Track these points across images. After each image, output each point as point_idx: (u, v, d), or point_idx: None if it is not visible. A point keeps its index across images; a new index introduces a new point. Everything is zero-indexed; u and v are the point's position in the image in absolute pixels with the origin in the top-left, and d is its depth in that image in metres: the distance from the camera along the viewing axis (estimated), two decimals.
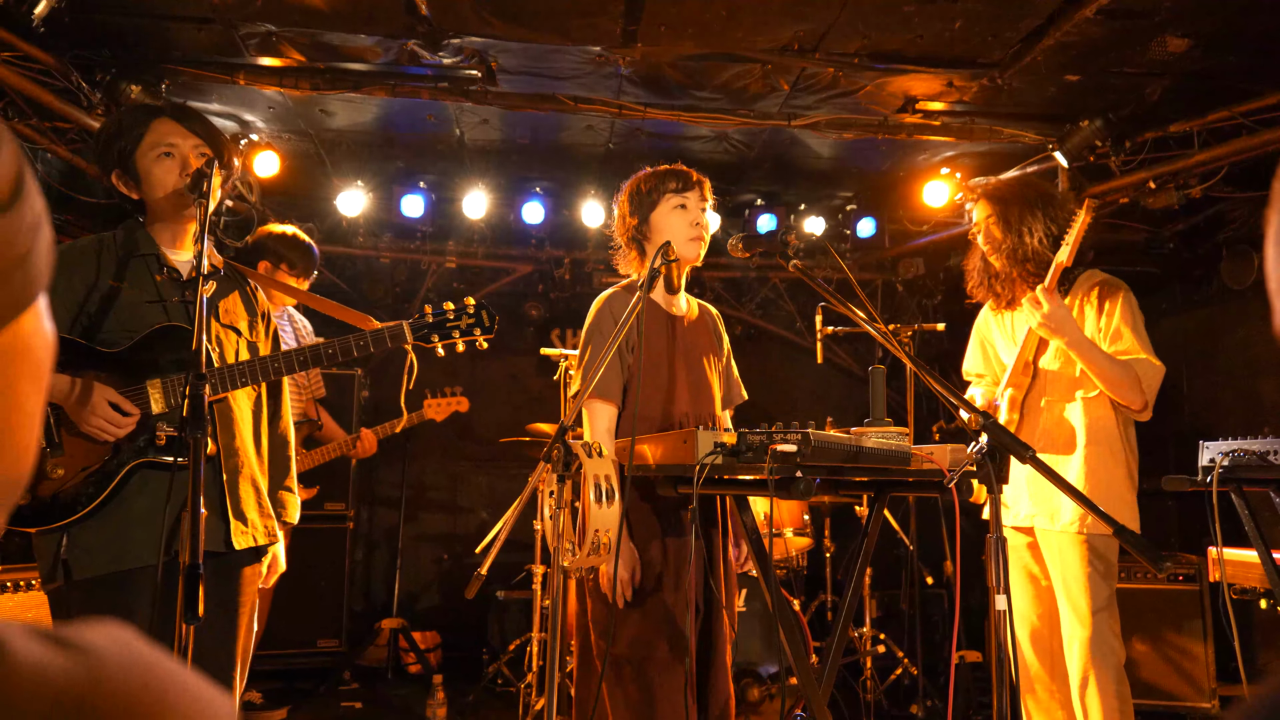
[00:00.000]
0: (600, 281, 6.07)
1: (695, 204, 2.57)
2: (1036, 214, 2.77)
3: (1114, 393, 2.66)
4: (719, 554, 2.51)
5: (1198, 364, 5.05)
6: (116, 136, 2.14)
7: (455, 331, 2.20)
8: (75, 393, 1.95)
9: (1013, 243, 2.78)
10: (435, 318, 2.20)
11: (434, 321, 2.19)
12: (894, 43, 3.62)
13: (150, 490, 2.02)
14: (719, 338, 2.77)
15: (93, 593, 1.96)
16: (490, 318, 2.25)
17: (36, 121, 3.79)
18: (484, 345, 2.24)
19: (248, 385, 2.10)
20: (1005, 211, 2.80)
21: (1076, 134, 4.23)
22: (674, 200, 2.56)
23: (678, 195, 2.56)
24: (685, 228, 2.54)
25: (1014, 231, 2.77)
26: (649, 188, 2.59)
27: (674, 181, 2.57)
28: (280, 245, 3.85)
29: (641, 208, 2.59)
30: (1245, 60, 3.62)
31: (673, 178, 2.58)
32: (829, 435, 1.82)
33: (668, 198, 2.56)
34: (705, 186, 2.62)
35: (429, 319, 2.19)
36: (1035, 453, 1.63)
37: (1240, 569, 3.20)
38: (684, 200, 2.56)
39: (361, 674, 5.00)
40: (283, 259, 3.83)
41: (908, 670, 4.56)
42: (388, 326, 2.17)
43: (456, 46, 3.69)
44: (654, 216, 2.57)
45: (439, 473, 6.24)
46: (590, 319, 2.61)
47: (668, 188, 2.57)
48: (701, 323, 2.72)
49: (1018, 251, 2.77)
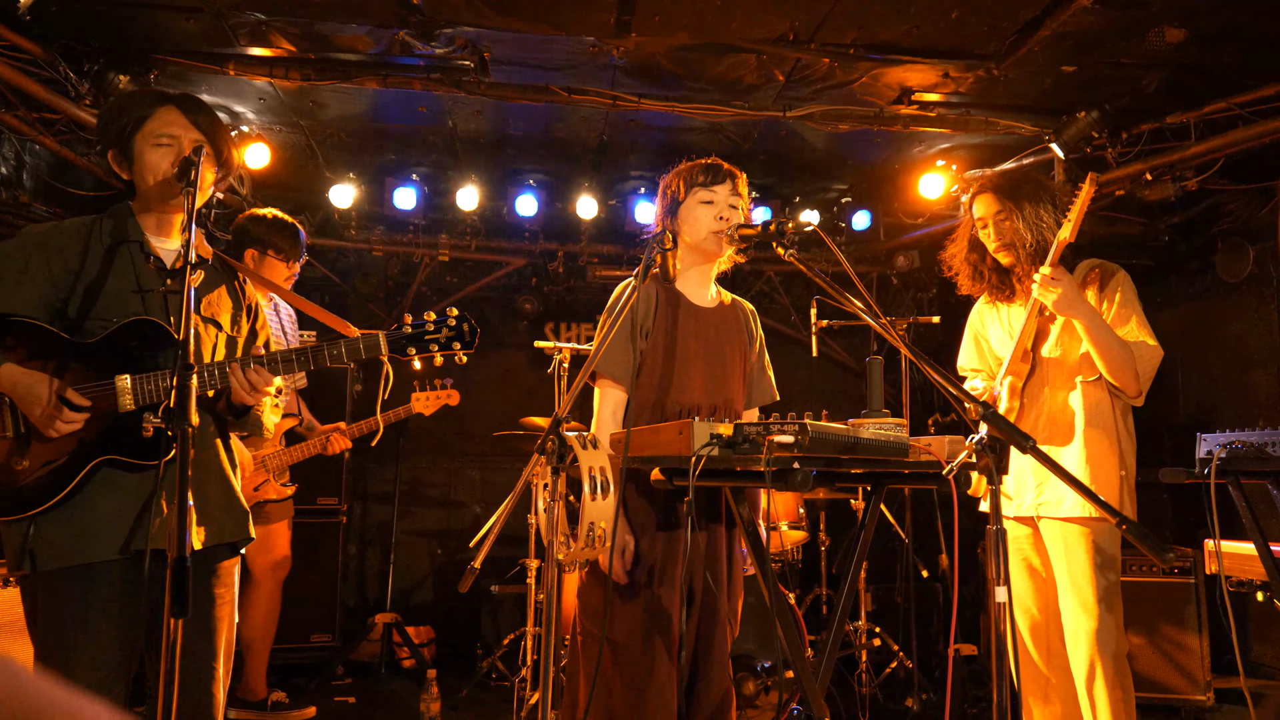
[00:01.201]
0: (595, 275, 6.05)
1: (724, 198, 2.53)
2: (1048, 207, 2.75)
3: (1113, 375, 2.64)
4: (722, 549, 2.47)
5: (1192, 357, 5.05)
6: (117, 116, 2.11)
7: (434, 345, 2.16)
8: (23, 384, 1.92)
9: (1034, 240, 2.73)
10: (414, 329, 2.16)
11: (412, 334, 2.16)
12: (889, 33, 3.59)
13: (115, 486, 1.99)
14: (750, 333, 2.71)
15: (55, 584, 1.94)
16: (471, 331, 2.21)
17: (24, 112, 3.74)
18: (463, 359, 2.20)
19: (218, 387, 2.07)
20: (1020, 207, 2.76)
21: (1073, 125, 4.22)
22: (701, 194, 2.53)
23: (705, 189, 2.53)
24: (709, 221, 2.50)
25: (1033, 230, 2.73)
26: (680, 181, 2.56)
27: (702, 175, 2.54)
28: (264, 230, 3.68)
29: (672, 202, 2.57)
30: (1242, 51, 3.61)
31: (702, 171, 2.55)
32: (826, 426, 1.79)
33: (695, 191, 2.53)
34: (739, 180, 2.58)
35: (407, 330, 2.16)
36: (1036, 443, 1.61)
37: (1236, 562, 3.20)
38: (711, 195, 2.52)
39: (355, 669, 4.97)
40: (269, 245, 3.67)
41: (903, 664, 4.55)
42: (363, 336, 2.13)
43: (449, 37, 3.66)
44: (682, 210, 2.55)
45: (432, 467, 6.21)
46: (610, 303, 2.56)
47: (696, 181, 2.54)
48: (731, 315, 2.67)
49: (1040, 245, 2.73)
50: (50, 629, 1.94)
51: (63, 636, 1.92)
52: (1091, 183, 2.57)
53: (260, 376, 2.07)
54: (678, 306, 2.55)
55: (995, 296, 2.96)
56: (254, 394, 2.08)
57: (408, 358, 2.17)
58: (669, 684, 2.29)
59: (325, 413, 4.31)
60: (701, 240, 2.50)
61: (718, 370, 2.56)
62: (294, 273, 3.79)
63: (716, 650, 2.43)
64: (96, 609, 1.94)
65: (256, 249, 3.66)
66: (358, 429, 4.06)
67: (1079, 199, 2.59)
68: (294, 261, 3.75)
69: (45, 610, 1.95)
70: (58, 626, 1.93)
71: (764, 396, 2.74)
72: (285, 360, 2.09)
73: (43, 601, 1.95)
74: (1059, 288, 2.59)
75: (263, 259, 3.66)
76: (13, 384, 1.93)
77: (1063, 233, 2.62)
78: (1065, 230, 2.62)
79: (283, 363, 2.08)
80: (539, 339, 4.39)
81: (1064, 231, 2.62)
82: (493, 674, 4.67)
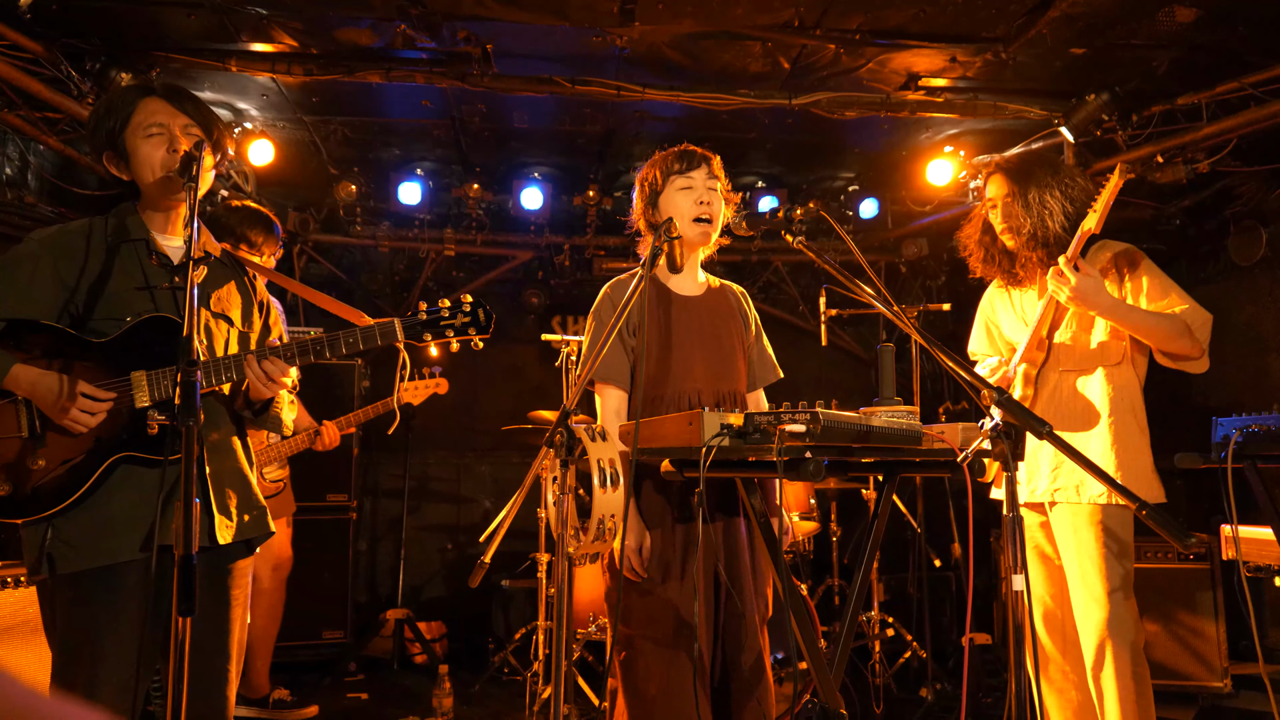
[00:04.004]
0: (601, 268, 6.02)
1: (701, 182, 2.52)
2: (1055, 193, 2.71)
3: (1167, 346, 2.59)
4: (742, 541, 2.45)
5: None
6: (106, 116, 2.10)
7: (449, 330, 2.14)
8: (42, 384, 1.92)
9: (1034, 225, 2.70)
10: (429, 315, 2.14)
11: (427, 319, 2.14)
12: (896, 18, 3.55)
13: (133, 483, 1.98)
14: (744, 316, 2.71)
15: (77, 587, 1.93)
16: (487, 316, 2.18)
17: (27, 111, 3.74)
18: (479, 345, 2.18)
19: (233, 380, 2.05)
20: (1024, 190, 2.72)
21: (1083, 109, 4.17)
22: (680, 181, 2.52)
23: (682, 176, 2.52)
24: (690, 207, 2.50)
25: (1034, 214, 2.70)
26: (657, 171, 2.56)
27: (679, 162, 2.54)
28: (237, 222, 3.53)
29: (651, 192, 2.56)
30: (1254, 31, 3.56)
31: (677, 158, 2.55)
32: (838, 414, 1.77)
33: (672, 179, 2.53)
34: (713, 163, 2.57)
35: (422, 316, 2.14)
36: (1052, 428, 1.58)
37: (1253, 547, 3.16)
38: (689, 181, 2.52)
39: (367, 665, 4.98)
40: (242, 238, 3.51)
41: (916, 654, 4.53)
42: (379, 323, 2.11)
43: (452, 29, 3.63)
44: (662, 200, 2.55)
45: (442, 463, 6.21)
46: (594, 307, 2.58)
47: (673, 169, 2.54)
48: (721, 300, 2.66)
49: (1038, 233, 2.70)
50: (72, 633, 1.92)
51: (88, 640, 1.90)
52: (1120, 174, 2.53)
53: (276, 367, 2.05)
54: (667, 299, 2.55)
55: (1005, 280, 2.93)
56: (270, 385, 2.06)
57: (424, 344, 2.15)
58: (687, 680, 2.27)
59: (334, 408, 4.30)
60: (685, 228, 2.48)
61: (716, 355, 2.55)
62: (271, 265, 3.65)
63: (743, 640, 2.40)
64: (118, 611, 1.92)
65: (230, 241, 3.51)
66: (345, 421, 4.04)
67: (1106, 189, 2.55)
68: (270, 254, 3.62)
69: (68, 614, 1.93)
70: (80, 630, 1.91)
71: (767, 375, 2.74)
72: (301, 350, 2.07)
73: (64, 605, 1.93)
74: (1071, 283, 2.54)
75: (236, 251, 3.56)
76: (31, 385, 1.92)
77: (1087, 223, 2.58)
78: (1090, 220, 2.57)
79: (299, 353, 2.06)
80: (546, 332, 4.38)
81: (1089, 222, 2.57)
82: (504, 668, 4.66)
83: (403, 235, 5.79)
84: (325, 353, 2.08)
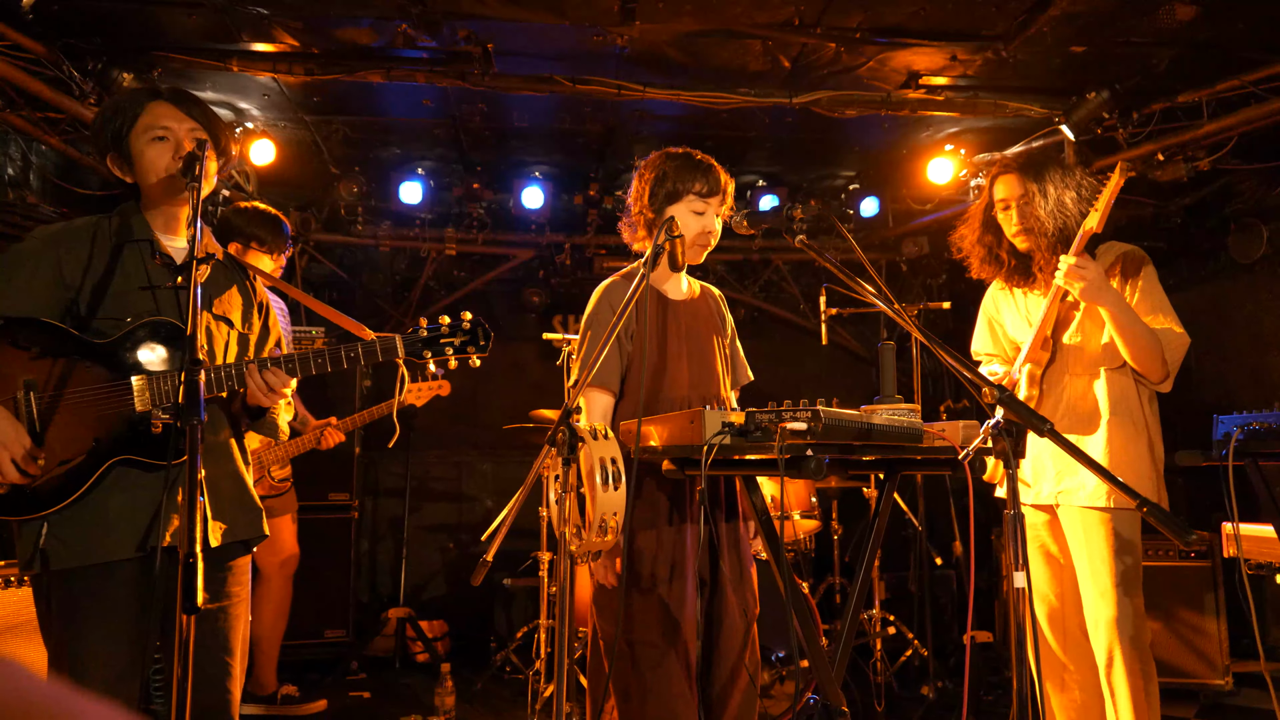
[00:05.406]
0: (602, 266, 6.02)
1: (713, 211, 2.53)
2: (1070, 193, 2.69)
3: (1139, 363, 2.60)
4: (722, 538, 2.46)
5: (1205, 339, 4.98)
6: (112, 118, 2.10)
7: (448, 348, 2.17)
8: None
9: (1055, 226, 2.67)
10: (429, 332, 2.17)
11: (428, 336, 2.17)
12: (896, 16, 3.55)
13: (129, 485, 1.99)
14: (722, 318, 2.72)
15: (70, 584, 1.94)
16: (485, 334, 2.21)
17: (29, 112, 3.74)
18: (476, 363, 2.21)
19: (233, 387, 2.06)
20: (1043, 191, 2.70)
21: (1083, 106, 4.17)
22: (695, 204, 2.50)
23: (700, 199, 2.50)
24: (695, 234, 2.50)
25: (1054, 216, 2.68)
26: (674, 180, 2.51)
27: (700, 184, 2.50)
28: (246, 222, 3.57)
29: (661, 196, 2.52)
30: (1254, 27, 3.56)
31: (701, 178, 2.50)
32: (839, 412, 1.77)
33: (690, 199, 2.50)
34: (728, 194, 2.57)
35: (423, 333, 2.17)
36: (1053, 426, 1.58)
37: (1254, 544, 3.16)
38: (705, 206, 2.51)
39: (369, 664, 4.98)
40: (251, 238, 3.55)
41: (918, 652, 4.54)
42: (380, 338, 2.13)
43: (452, 28, 3.64)
44: (670, 210, 2.51)
45: (443, 462, 6.21)
46: (589, 309, 2.58)
47: (692, 189, 2.50)
48: (703, 304, 2.68)
49: (1059, 234, 2.68)
50: (64, 629, 1.93)
51: (77, 636, 1.91)
52: (1121, 172, 2.53)
53: (277, 378, 2.06)
54: (663, 303, 2.55)
55: (1012, 282, 2.89)
56: (271, 395, 2.07)
57: (423, 361, 2.17)
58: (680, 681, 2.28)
59: (335, 407, 4.31)
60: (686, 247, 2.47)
61: (699, 362, 2.55)
62: (280, 265, 3.69)
63: (726, 639, 2.41)
64: (112, 608, 1.93)
65: (239, 242, 3.55)
66: (350, 422, 4.05)
67: (1108, 188, 2.54)
68: (279, 254, 3.65)
69: (60, 610, 1.94)
70: (72, 626, 1.92)
71: (741, 377, 2.75)
72: (303, 362, 2.08)
73: (57, 601, 1.94)
74: (1085, 277, 2.53)
75: (245, 252, 3.56)
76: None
77: (1089, 222, 2.57)
78: (1092, 219, 2.56)
79: (300, 365, 2.08)
80: (547, 331, 4.38)
81: (1090, 221, 2.57)
82: (506, 667, 4.67)
83: (404, 234, 5.80)
84: (326, 366, 2.10)
